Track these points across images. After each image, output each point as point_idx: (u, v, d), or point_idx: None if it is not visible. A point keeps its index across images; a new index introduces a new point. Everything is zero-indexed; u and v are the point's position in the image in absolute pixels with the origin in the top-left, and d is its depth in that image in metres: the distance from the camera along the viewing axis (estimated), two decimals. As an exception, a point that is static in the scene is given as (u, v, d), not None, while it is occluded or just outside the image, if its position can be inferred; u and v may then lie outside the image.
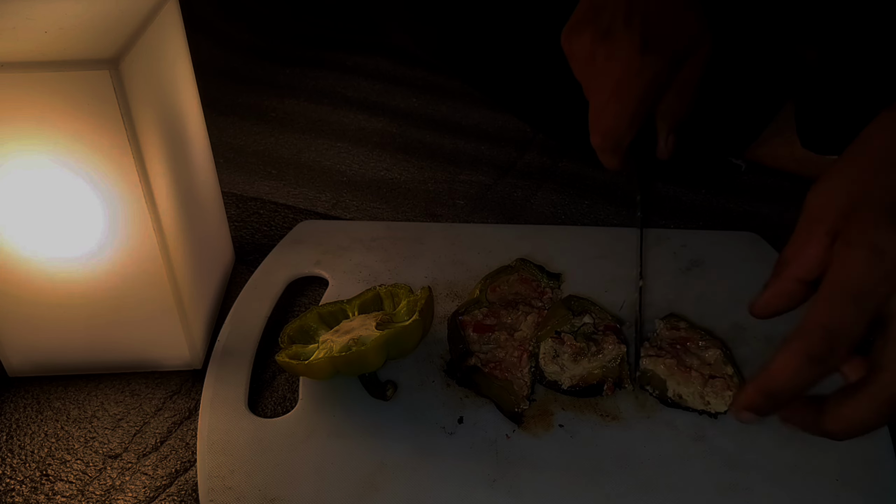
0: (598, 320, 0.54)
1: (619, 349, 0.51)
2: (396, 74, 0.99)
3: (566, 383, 0.51)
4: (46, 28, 0.45)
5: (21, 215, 0.47)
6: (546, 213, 0.73)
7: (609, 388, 0.51)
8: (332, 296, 0.60)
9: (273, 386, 0.55)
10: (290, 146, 0.84)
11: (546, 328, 0.53)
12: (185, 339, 0.53)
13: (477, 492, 0.46)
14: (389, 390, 0.51)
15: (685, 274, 0.62)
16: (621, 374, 0.51)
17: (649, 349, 0.53)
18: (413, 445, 0.48)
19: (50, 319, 0.52)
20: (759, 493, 0.46)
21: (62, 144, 0.44)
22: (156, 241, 0.48)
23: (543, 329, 0.53)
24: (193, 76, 0.56)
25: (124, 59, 0.43)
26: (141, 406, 0.53)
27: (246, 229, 0.70)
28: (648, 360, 0.52)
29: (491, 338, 0.54)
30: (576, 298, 0.57)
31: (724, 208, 0.73)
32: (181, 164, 0.53)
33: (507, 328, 0.54)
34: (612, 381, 0.51)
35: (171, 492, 0.47)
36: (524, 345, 0.53)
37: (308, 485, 0.46)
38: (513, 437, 0.49)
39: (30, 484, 0.48)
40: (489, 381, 0.51)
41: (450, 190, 0.76)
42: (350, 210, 0.73)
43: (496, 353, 0.52)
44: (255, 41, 1.09)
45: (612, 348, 0.51)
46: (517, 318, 0.54)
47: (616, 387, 0.51)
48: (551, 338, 0.52)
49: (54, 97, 0.42)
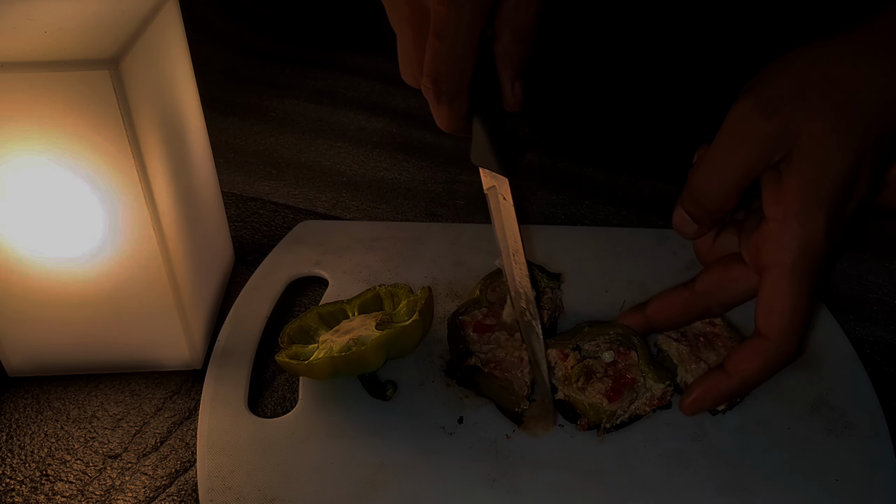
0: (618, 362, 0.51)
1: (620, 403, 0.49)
2: (396, 74, 0.98)
3: (559, 394, 0.51)
4: (46, 28, 0.45)
5: (21, 215, 0.47)
6: (546, 213, 0.72)
7: (582, 425, 0.49)
8: (332, 296, 0.60)
9: (273, 386, 0.55)
10: (290, 146, 0.84)
11: (571, 338, 0.52)
12: (185, 339, 0.53)
13: (477, 492, 0.46)
14: (389, 390, 0.51)
15: (685, 274, 0.62)
16: (601, 421, 0.49)
17: (672, 332, 0.53)
18: (413, 445, 0.48)
19: (50, 319, 0.52)
20: (759, 493, 0.46)
21: (62, 144, 0.44)
22: (156, 241, 0.48)
23: (570, 337, 0.52)
24: (193, 76, 0.56)
25: (124, 59, 0.43)
26: (141, 406, 0.53)
27: (246, 229, 0.70)
28: (664, 340, 0.53)
29: (491, 338, 0.53)
30: (635, 335, 0.52)
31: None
32: (181, 164, 0.53)
33: (507, 328, 0.54)
34: (587, 422, 0.49)
35: (171, 492, 0.47)
36: (525, 345, 0.52)
37: (308, 485, 0.46)
38: (513, 437, 0.49)
39: (30, 484, 0.48)
40: (489, 381, 0.51)
41: (450, 190, 0.76)
42: (350, 210, 0.73)
43: (496, 353, 0.52)
44: (255, 41, 1.09)
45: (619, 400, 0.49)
46: None
47: (589, 428, 0.49)
48: (560, 350, 0.51)
49: (54, 97, 0.42)
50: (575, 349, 0.51)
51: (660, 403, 0.50)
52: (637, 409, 0.49)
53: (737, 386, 0.46)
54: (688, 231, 0.45)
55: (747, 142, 0.39)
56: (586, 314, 0.58)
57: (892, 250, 0.68)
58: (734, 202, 0.42)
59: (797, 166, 0.38)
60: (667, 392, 0.49)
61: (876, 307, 0.62)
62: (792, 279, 0.40)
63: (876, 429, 0.49)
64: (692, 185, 0.43)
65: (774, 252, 0.40)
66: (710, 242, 0.48)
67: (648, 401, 0.49)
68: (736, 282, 0.46)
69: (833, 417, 0.50)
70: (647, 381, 0.49)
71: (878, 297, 0.63)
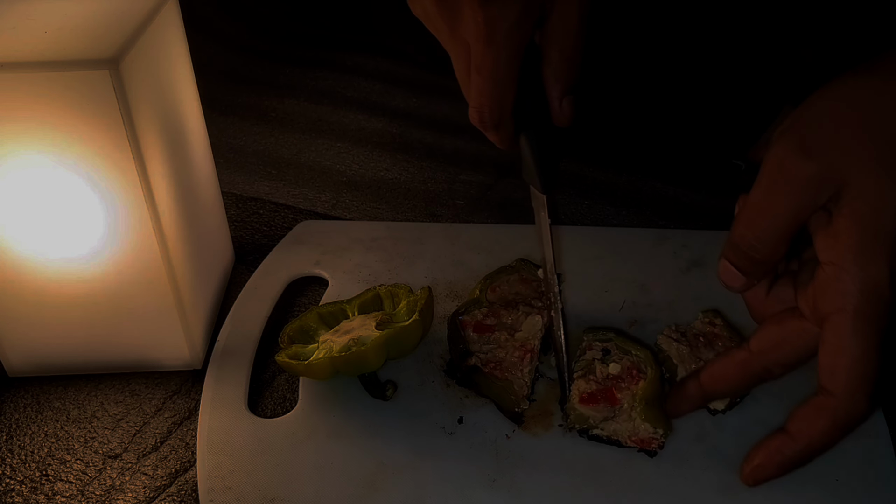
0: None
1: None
2: (396, 74, 0.99)
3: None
4: (46, 28, 0.45)
5: (21, 215, 0.47)
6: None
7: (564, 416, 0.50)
8: (332, 296, 0.60)
9: (273, 386, 0.55)
10: (290, 146, 0.84)
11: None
12: (185, 339, 0.53)
13: (477, 492, 0.46)
14: (389, 390, 0.51)
15: (685, 274, 0.62)
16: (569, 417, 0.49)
17: (672, 332, 0.54)
18: (413, 445, 0.48)
19: (50, 319, 0.52)
20: (759, 492, 0.46)
21: (62, 144, 0.44)
22: (156, 241, 0.48)
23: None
24: (193, 76, 0.56)
25: (124, 59, 0.43)
26: (141, 406, 0.53)
27: (246, 229, 0.70)
28: (664, 339, 0.53)
29: (491, 338, 0.54)
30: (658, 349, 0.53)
31: (725, 208, 0.73)
32: (181, 164, 0.53)
33: (507, 328, 0.54)
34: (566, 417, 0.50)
35: (171, 492, 0.47)
36: (525, 345, 0.52)
37: (308, 485, 0.46)
38: (513, 437, 0.49)
39: (30, 484, 0.48)
40: (489, 381, 0.51)
41: (450, 190, 0.76)
42: (350, 210, 0.73)
43: (496, 353, 0.52)
44: (255, 41, 1.09)
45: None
46: (517, 319, 0.54)
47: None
48: (589, 342, 0.52)
49: (54, 97, 0.42)
50: (604, 351, 0.51)
51: (642, 445, 0.47)
52: (615, 432, 0.48)
53: (802, 451, 0.41)
54: (736, 284, 0.42)
55: (790, 184, 0.37)
56: (586, 314, 0.58)
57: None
58: (783, 250, 0.39)
59: (848, 205, 0.36)
60: (653, 441, 0.47)
61: (876, 307, 0.62)
62: (855, 327, 0.36)
63: (876, 429, 0.49)
64: (736, 235, 0.41)
65: (834, 298, 0.37)
66: (763, 296, 0.44)
67: (630, 434, 0.47)
68: (795, 337, 0.41)
69: (833, 417, 0.50)
70: (635, 414, 0.47)
71: (878, 297, 0.63)
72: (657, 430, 0.47)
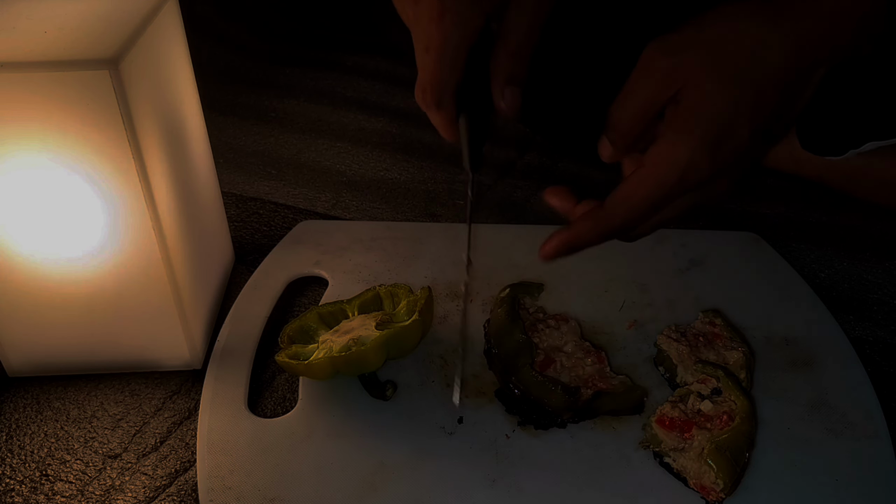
0: None
1: None
2: (396, 74, 0.99)
3: None
4: (46, 28, 0.45)
5: (21, 215, 0.47)
6: (546, 213, 0.72)
7: None
8: (332, 296, 0.60)
9: (273, 386, 0.55)
10: (290, 146, 0.84)
11: None
12: (185, 339, 0.53)
13: (477, 492, 0.46)
14: (389, 390, 0.51)
15: (685, 274, 0.62)
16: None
17: (672, 332, 0.54)
18: (413, 445, 0.48)
19: (50, 319, 0.52)
20: (759, 493, 0.46)
21: (62, 144, 0.44)
22: (156, 240, 0.48)
23: None
24: (193, 76, 0.56)
25: (124, 59, 0.43)
26: (141, 406, 0.53)
27: (246, 229, 0.70)
28: (664, 339, 0.53)
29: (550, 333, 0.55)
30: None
31: (724, 208, 0.73)
32: (181, 164, 0.53)
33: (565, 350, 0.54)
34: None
35: (171, 492, 0.47)
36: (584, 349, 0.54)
37: (308, 485, 0.46)
38: (513, 437, 0.49)
39: (30, 484, 0.48)
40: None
41: (450, 190, 0.76)
42: (350, 210, 0.73)
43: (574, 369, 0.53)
44: (255, 41, 1.09)
45: None
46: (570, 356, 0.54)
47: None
48: (706, 376, 0.51)
49: (54, 97, 0.42)
50: (714, 391, 0.50)
51: (703, 494, 0.46)
52: (683, 468, 0.46)
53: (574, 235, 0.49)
54: (603, 153, 0.49)
55: (650, 75, 0.44)
56: (586, 314, 0.58)
57: (892, 250, 0.68)
58: (639, 127, 0.45)
59: (686, 98, 0.43)
60: (712, 491, 0.45)
61: (876, 307, 0.62)
62: (655, 180, 0.44)
63: (875, 428, 0.49)
64: (611, 113, 0.47)
65: (648, 158, 0.44)
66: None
67: (695, 475, 0.46)
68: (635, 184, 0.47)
69: (833, 417, 0.50)
70: (705, 454, 0.46)
71: (878, 297, 0.63)
72: (717, 480, 0.45)
